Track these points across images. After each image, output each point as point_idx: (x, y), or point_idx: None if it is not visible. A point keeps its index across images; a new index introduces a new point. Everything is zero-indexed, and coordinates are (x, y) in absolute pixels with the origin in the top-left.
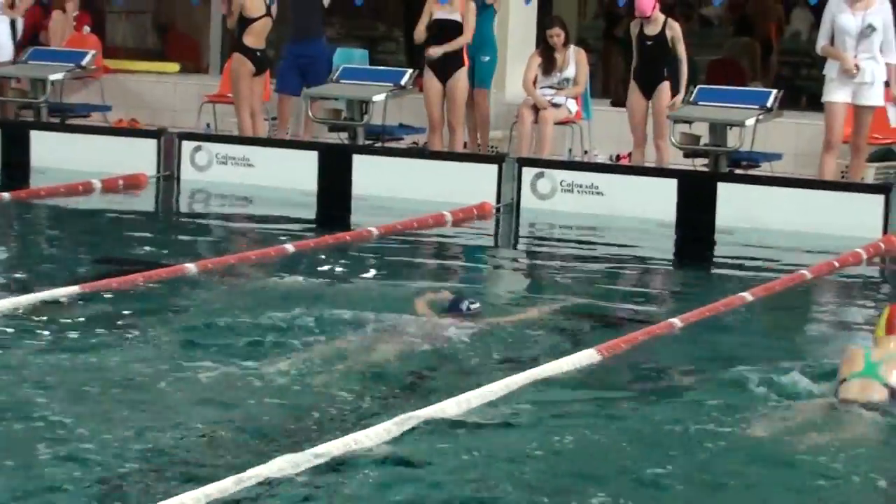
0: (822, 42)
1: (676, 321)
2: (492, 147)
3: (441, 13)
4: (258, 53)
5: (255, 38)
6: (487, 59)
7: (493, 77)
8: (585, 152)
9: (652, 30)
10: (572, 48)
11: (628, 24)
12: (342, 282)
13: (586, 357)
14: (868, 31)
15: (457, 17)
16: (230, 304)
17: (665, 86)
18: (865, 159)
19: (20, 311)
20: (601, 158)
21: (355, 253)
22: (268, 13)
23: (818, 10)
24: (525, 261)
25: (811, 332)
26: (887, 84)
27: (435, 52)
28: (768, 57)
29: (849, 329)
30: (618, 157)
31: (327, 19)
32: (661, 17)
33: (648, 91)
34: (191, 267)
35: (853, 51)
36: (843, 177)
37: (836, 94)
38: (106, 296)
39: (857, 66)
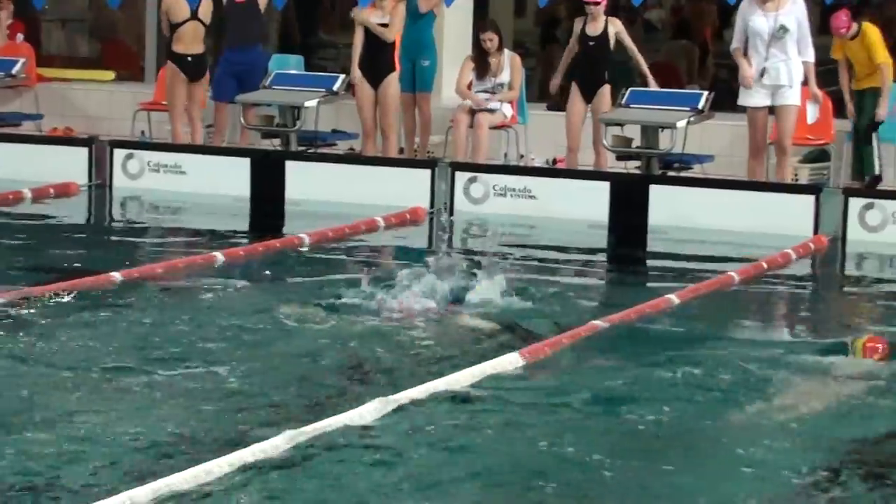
0: (735, 44)
1: (601, 323)
2: (428, 151)
3: (374, 17)
4: (189, 59)
5: (184, 44)
6: (428, 63)
7: (434, 81)
8: (522, 156)
9: (593, 29)
10: (507, 53)
11: (568, 26)
12: (270, 289)
13: (509, 361)
14: (780, 32)
15: (388, 20)
16: (156, 314)
17: (606, 89)
18: (799, 160)
19: None
20: (538, 162)
21: (285, 260)
22: (194, 17)
23: None
24: None
25: (734, 334)
26: (804, 83)
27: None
28: (706, 60)
29: (772, 330)
30: (555, 161)
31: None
32: (603, 17)
33: (589, 94)
34: (116, 276)
35: (765, 52)
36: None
37: (754, 97)
38: (30, 306)
39: (764, 72)
